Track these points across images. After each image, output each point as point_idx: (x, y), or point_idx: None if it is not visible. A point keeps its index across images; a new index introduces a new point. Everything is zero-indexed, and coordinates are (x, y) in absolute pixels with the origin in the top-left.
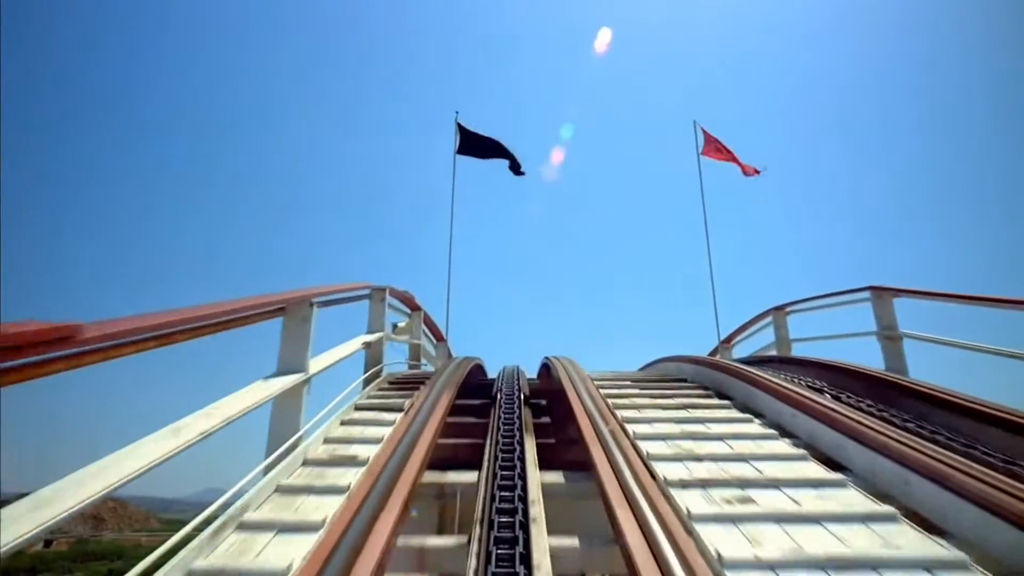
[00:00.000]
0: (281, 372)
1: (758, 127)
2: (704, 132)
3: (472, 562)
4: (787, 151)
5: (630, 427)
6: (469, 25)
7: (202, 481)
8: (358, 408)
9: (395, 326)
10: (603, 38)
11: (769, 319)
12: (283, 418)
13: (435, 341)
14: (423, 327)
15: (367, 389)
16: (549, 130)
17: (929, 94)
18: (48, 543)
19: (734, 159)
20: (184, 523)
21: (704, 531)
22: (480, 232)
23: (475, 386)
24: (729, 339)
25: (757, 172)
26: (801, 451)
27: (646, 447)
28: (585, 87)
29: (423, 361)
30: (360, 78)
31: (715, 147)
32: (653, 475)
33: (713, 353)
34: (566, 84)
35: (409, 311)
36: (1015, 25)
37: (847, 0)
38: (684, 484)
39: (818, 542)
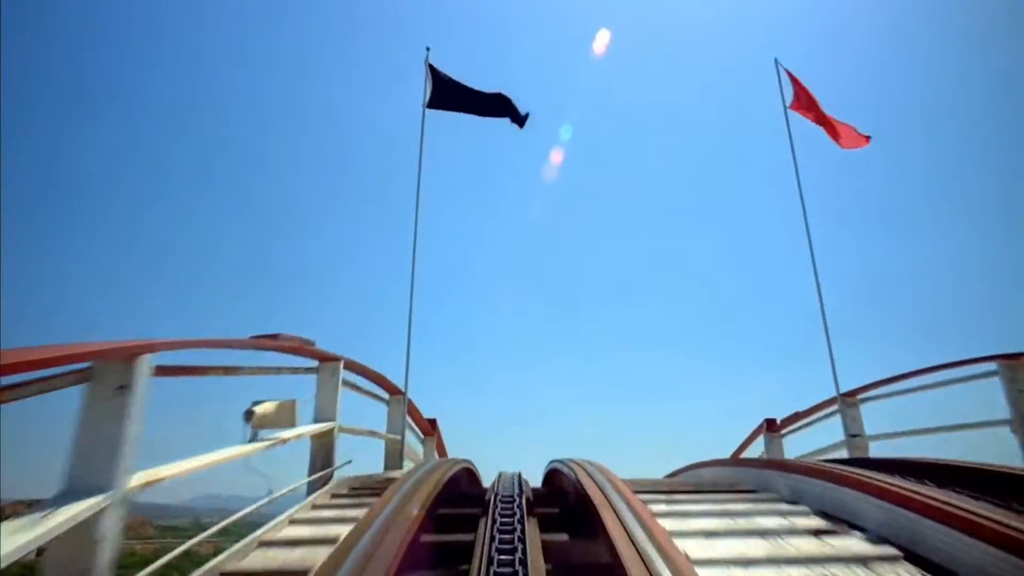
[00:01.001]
0: None
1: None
2: (791, 78)
3: None
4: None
5: None
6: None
7: (197, 486)
8: None
9: (250, 413)
10: (602, 39)
11: (987, 368)
12: None
13: (387, 396)
14: (342, 387)
15: None
16: (552, 130)
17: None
18: (40, 551)
19: (828, 123)
20: (178, 529)
21: None
22: (480, 231)
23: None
24: (855, 392)
25: (864, 141)
26: None
27: None
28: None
29: (338, 462)
30: (341, 67)
31: (805, 101)
32: None
33: (827, 404)
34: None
35: (316, 363)
36: None
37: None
38: None
39: None
